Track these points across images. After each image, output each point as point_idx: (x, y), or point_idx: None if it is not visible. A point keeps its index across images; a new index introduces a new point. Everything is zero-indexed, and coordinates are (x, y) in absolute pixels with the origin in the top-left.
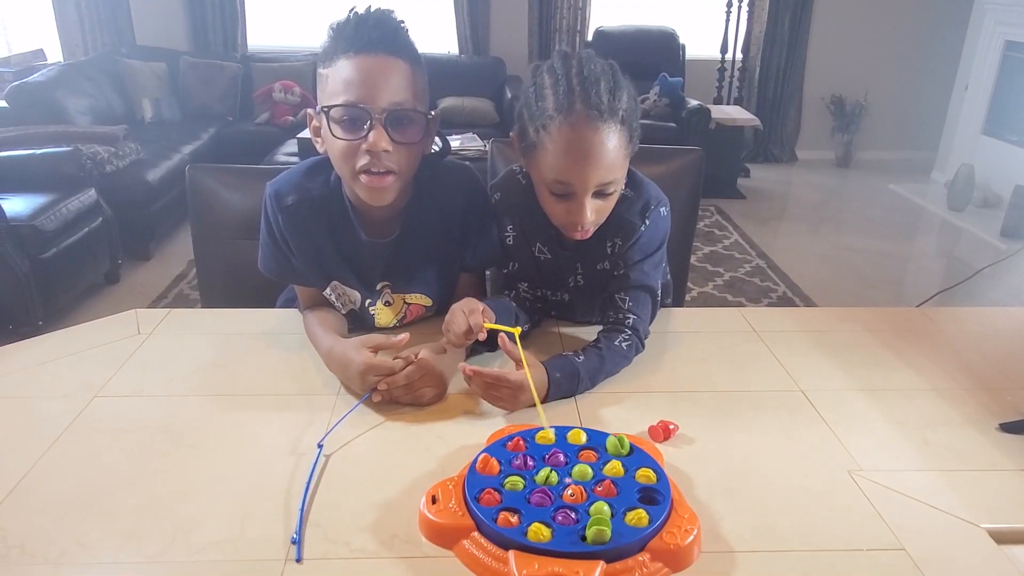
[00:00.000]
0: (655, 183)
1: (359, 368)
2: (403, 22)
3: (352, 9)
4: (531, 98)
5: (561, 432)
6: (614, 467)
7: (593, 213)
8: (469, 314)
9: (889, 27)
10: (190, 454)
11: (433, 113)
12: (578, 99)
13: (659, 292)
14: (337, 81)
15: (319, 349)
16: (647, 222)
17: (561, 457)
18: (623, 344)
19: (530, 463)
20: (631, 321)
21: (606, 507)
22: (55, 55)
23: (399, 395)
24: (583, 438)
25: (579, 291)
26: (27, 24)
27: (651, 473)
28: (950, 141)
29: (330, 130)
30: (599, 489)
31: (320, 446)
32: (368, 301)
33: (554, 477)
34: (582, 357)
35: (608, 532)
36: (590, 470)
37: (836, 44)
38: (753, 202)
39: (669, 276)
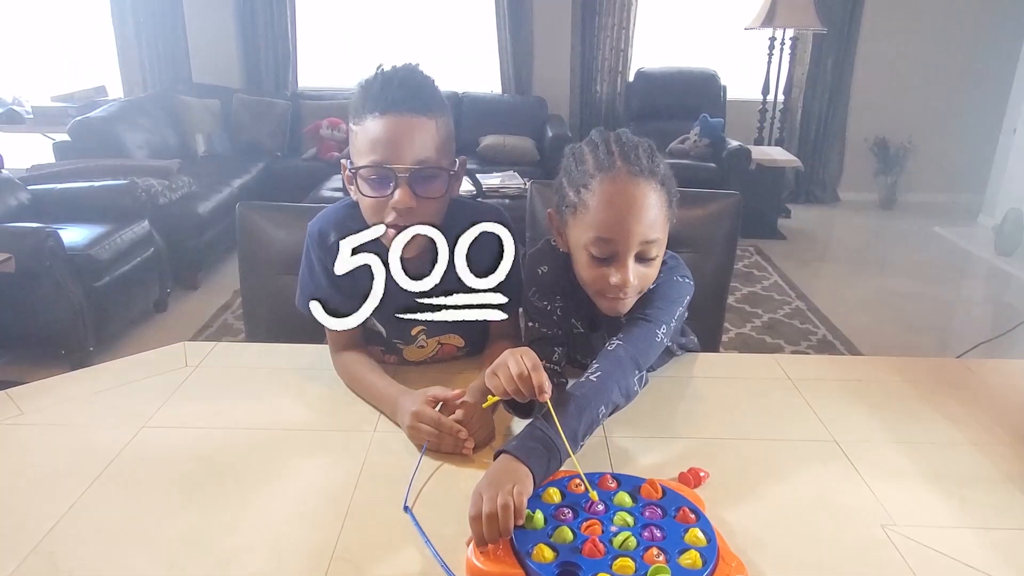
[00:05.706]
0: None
1: (406, 419)
2: (428, 77)
3: (379, 66)
4: (571, 166)
5: (592, 479)
6: (652, 512)
7: (635, 278)
8: (533, 369)
9: (935, 69)
10: (232, 487)
11: (458, 162)
12: (618, 158)
13: (661, 335)
14: (365, 140)
15: (380, 395)
16: (661, 275)
17: (600, 507)
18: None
19: (569, 514)
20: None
21: (659, 553)
22: (116, 91)
23: (444, 445)
24: (614, 484)
25: None
26: (91, 62)
27: (689, 513)
28: (998, 184)
29: (359, 188)
30: (646, 534)
31: (407, 508)
32: (397, 340)
33: (598, 527)
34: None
35: None
36: (631, 516)
37: (880, 86)
38: (794, 243)
39: (695, 339)
